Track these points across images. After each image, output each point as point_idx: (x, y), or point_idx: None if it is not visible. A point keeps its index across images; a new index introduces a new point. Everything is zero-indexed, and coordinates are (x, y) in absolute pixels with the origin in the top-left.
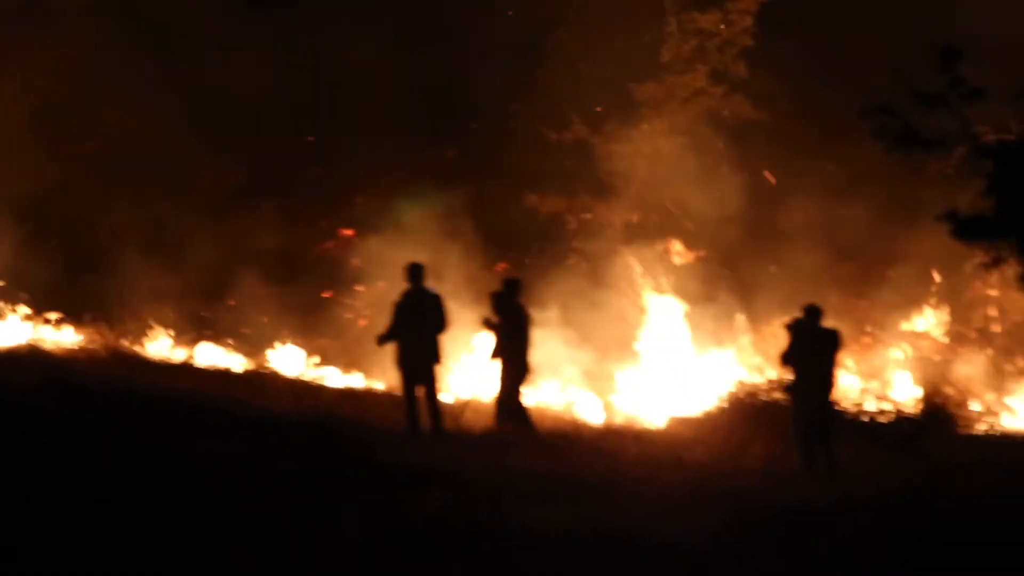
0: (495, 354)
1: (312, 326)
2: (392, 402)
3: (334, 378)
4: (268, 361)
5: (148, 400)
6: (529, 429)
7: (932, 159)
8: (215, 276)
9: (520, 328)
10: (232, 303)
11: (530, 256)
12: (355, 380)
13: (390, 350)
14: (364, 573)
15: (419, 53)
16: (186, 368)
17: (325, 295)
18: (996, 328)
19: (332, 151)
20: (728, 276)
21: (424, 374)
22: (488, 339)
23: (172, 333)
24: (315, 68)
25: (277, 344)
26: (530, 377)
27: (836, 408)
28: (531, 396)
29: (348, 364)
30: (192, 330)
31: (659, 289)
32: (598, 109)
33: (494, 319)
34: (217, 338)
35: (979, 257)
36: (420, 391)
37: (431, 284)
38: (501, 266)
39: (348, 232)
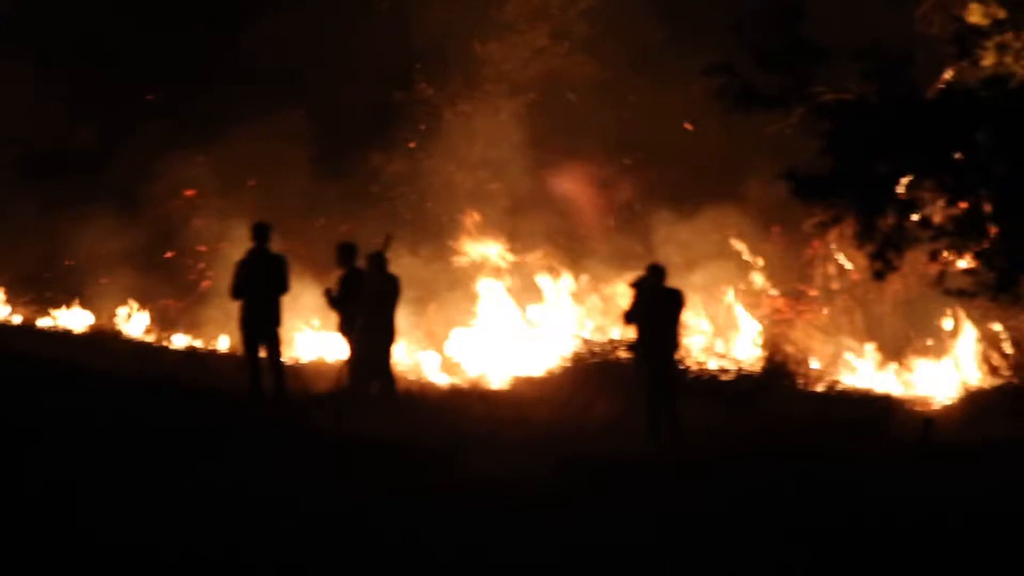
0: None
1: (155, 287)
2: (235, 364)
3: (177, 339)
4: (110, 323)
5: None
6: (393, 392)
7: (771, 118)
8: (53, 236)
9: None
10: (69, 263)
11: (375, 216)
12: (198, 341)
13: (234, 311)
14: (197, 534)
15: (263, 10)
16: (25, 330)
17: (167, 255)
18: (835, 286)
19: (173, 109)
20: (571, 235)
21: (267, 335)
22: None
23: (7, 295)
24: (159, 23)
25: (119, 305)
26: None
27: (679, 366)
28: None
29: (191, 325)
30: (30, 292)
31: (502, 250)
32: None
33: (334, 291)
34: (56, 299)
35: (818, 216)
36: (263, 352)
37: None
38: (345, 227)
39: (189, 192)
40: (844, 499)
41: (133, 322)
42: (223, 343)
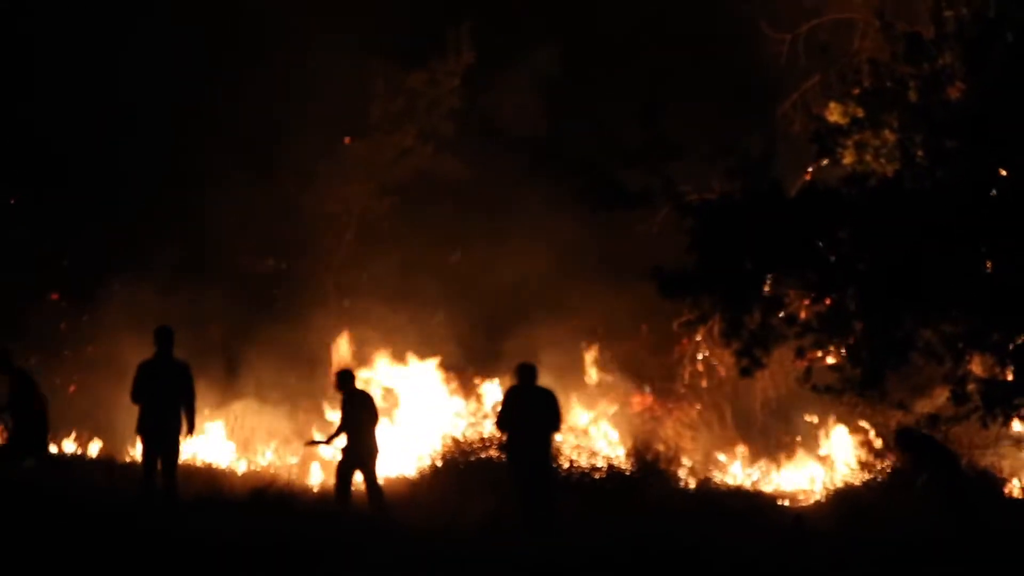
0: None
1: None
2: (103, 468)
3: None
4: None
5: None
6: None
7: (637, 217)
8: None
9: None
10: None
11: (246, 317)
12: (66, 446)
13: (101, 416)
14: None
15: (136, 112)
16: None
17: (32, 360)
18: (704, 384)
19: (37, 212)
20: (442, 334)
21: (166, 441)
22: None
23: None
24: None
25: None
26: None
27: (553, 464)
28: (242, 461)
29: (58, 430)
30: None
31: (372, 349)
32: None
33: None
34: None
35: (685, 315)
36: (160, 458)
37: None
38: (216, 327)
39: (54, 296)
40: None
41: None
42: (93, 448)
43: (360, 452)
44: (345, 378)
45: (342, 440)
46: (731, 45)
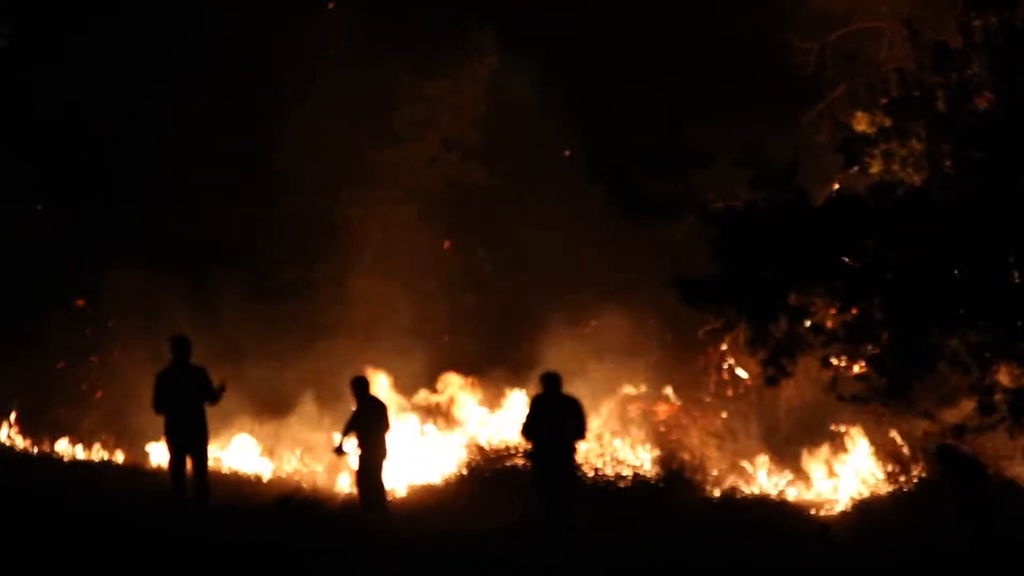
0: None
1: (46, 397)
2: (126, 474)
3: (70, 450)
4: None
5: None
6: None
7: (662, 225)
8: None
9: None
10: None
11: (269, 323)
12: (94, 452)
13: (130, 422)
14: None
15: (159, 118)
16: None
17: (59, 366)
18: (729, 392)
19: (64, 218)
20: (466, 343)
21: (194, 449)
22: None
23: None
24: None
25: (8, 417)
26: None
27: (576, 473)
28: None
29: (84, 436)
30: None
31: (395, 357)
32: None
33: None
34: None
35: (711, 323)
36: (189, 464)
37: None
38: (239, 333)
39: (80, 302)
40: None
41: (21, 432)
42: (119, 455)
43: (377, 458)
44: (360, 385)
45: (355, 447)
46: (758, 53)
